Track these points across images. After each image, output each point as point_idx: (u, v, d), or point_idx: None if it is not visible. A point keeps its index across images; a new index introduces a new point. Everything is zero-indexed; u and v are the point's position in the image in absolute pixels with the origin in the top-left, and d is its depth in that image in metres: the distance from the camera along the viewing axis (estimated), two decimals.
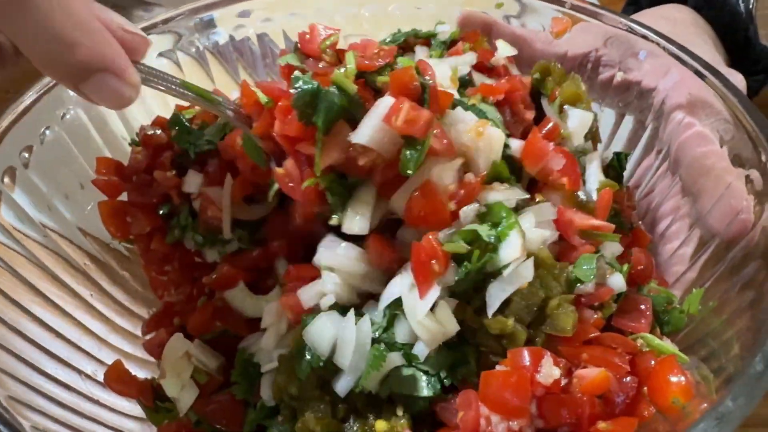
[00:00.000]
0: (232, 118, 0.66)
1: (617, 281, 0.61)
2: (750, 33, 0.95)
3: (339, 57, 0.71)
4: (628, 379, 0.56)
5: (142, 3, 1.40)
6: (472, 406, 0.54)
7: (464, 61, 0.74)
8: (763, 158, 0.61)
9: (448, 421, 0.57)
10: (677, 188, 0.73)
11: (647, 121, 0.78)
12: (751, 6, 0.96)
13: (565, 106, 0.72)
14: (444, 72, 0.70)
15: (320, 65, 0.71)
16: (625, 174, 0.80)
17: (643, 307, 0.62)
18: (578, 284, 0.59)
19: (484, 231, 0.59)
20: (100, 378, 0.66)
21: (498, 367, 0.55)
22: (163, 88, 0.61)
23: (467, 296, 0.59)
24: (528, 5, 0.86)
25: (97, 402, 0.63)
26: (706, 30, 0.96)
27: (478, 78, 0.74)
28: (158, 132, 0.75)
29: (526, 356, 0.53)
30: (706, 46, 0.91)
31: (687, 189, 0.71)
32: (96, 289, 0.74)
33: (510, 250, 0.58)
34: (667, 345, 0.58)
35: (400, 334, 0.60)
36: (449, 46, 0.79)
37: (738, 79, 0.82)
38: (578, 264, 0.60)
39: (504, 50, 0.77)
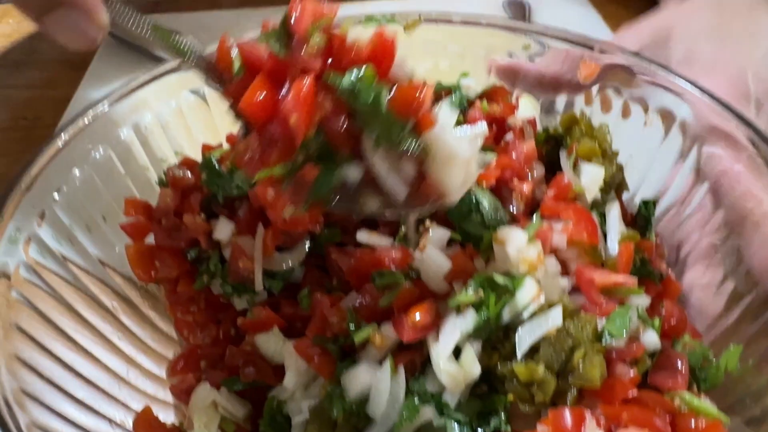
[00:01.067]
0: (202, 75, 0.63)
1: (651, 338, 0.61)
2: None
3: (331, 43, 0.62)
4: None
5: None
6: None
7: (476, 134, 0.73)
8: None
9: None
10: (713, 225, 0.72)
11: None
12: None
13: (581, 161, 0.73)
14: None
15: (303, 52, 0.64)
16: (655, 186, 0.80)
17: (679, 363, 0.61)
18: (609, 338, 0.59)
19: (500, 277, 0.60)
20: (128, 425, 0.65)
21: (539, 427, 0.54)
22: (132, 30, 0.59)
23: (495, 343, 0.60)
24: (550, 46, 0.86)
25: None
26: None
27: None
28: (187, 174, 0.75)
29: (567, 417, 0.52)
30: (753, 42, 0.83)
31: (729, 226, 0.70)
32: (121, 328, 0.73)
33: (526, 292, 0.59)
34: (706, 405, 0.57)
35: (430, 383, 0.60)
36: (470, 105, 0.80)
37: (765, 89, 0.78)
38: (611, 318, 0.60)
39: (525, 110, 0.78)
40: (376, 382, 0.59)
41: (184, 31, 1.37)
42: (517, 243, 0.64)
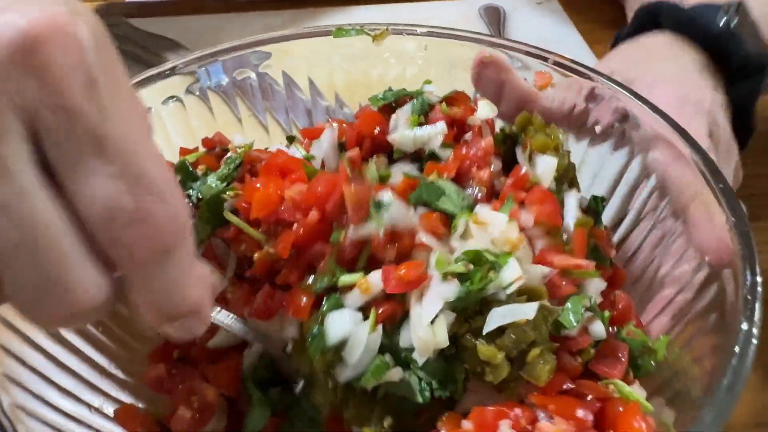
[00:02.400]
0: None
1: (598, 329, 0.66)
2: (730, 45, 0.97)
3: None
4: None
5: (149, 36, 1.45)
6: None
7: (435, 132, 0.80)
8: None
9: None
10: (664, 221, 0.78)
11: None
12: (731, 21, 0.98)
13: (535, 154, 0.78)
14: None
15: None
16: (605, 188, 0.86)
17: (620, 354, 0.66)
18: (563, 329, 0.64)
19: (489, 255, 0.65)
20: (105, 409, 0.70)
21: (464, 423, 0.60)
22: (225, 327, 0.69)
23: (468, 315, 0.64)
24: (514, 57, 0.91)
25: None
26: (684, 48, 0.99)
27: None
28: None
29: (488, 416, 0.58)
30: (675, 64, 0.95)
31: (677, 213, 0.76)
32: (101, 324, 0.77)
33: (510, 272, 0.63)
34: (634, 392, 0.62)
35: (404, 339, 0.65)
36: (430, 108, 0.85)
37: (704, 94, 0.88)
38: (566, 309, 0.65)
39: (483, 112, 0.83)
40: (355, 331, 0.63)
41: (170, 34, 1.44)
42: (498, 224, 0.68)
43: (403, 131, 0.81)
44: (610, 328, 0.71)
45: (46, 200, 0.40)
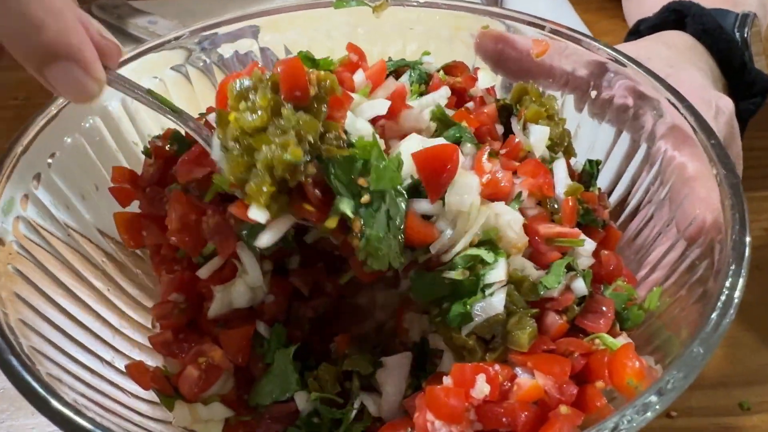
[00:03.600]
0: (193, 134, 0.68)
1: (579, 286, 0.69)
2: (745, 59, 1.03)
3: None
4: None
5: (148, 15, 1.47)
6: (422, 410, 0.62)
7: (440, 95, 0.82)
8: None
9: (411, 415, 0.65)
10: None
11: (640, 141, 0.85)
12: (746, 35, 1.05)
13: (529, 123, 0.80)
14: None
15: None
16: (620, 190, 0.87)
17: (604, 308, 0.69)
18: (545, 290, 0.67)
19: (487, 255, 0.66)
20: (116, 364, 0.72)
21: (445, 379, 0.63)
22: (130, 94, 0.64)
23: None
24: (512, 27, 0.93)
25: (113, 384, 0.69)
26: (703, 55, 1.03)
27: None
28: (168, 145, 0.81)
29: (466, 372, 0.61)
30: (701, 72, 0.98)
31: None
32: (112, 285, 0.80)
33: (497, 274, 0.66)
34: (617, 343, 0.65)
35: None
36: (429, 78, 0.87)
37: (725, 103, 0.91)
38: (548, 273, 0.68)
39: (484, 81, 0.85)
40: None
41: (170, 16, 1.45)
42: (508, 216, 0.69)
43: (408, 101, 0.81)
44: (601, 286, 0.74)
45: None
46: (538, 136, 0.80)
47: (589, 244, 0.73)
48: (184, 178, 0.72)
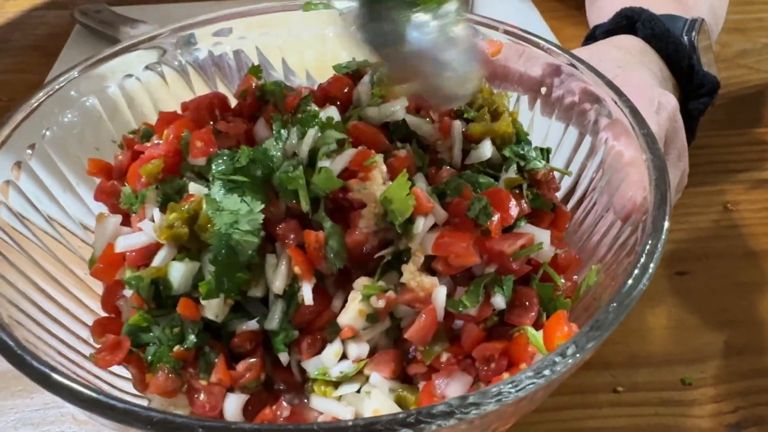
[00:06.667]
0: None
1: (498, 301, 0.71)
2: (693, 61, 1.10)
3: None
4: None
5: (128, 20, 1.52)
6: None
7: (400, 106, 0.83)
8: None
9: None
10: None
11: (586, 134, 0.90)
12: (693, 39, 1.12)
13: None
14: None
15: None
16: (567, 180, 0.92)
17: (527, 303, 0.72)
18: (463, 308, 0.69)
19: None
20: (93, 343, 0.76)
21: None
22: None
23: None
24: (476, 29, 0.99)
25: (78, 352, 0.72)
26: (653, 57, 1.10)
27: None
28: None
29: None
30: (649, 72, 1.05)
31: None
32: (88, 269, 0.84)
33: None
34: (538, 337, 0.68)
35: None
36: None
37: (667, 99, 0.97)
38: (467, 292, 0.70)
39: None
40: None
41: (152, 21, 1.50)
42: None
43: (367, 109, 0.84)
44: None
45: None
46: (483, 152, 0.81)
47: (545, 237, 0.75)
48: None
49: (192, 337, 0.70)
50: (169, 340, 0.70)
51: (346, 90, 0.87)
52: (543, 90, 0.93)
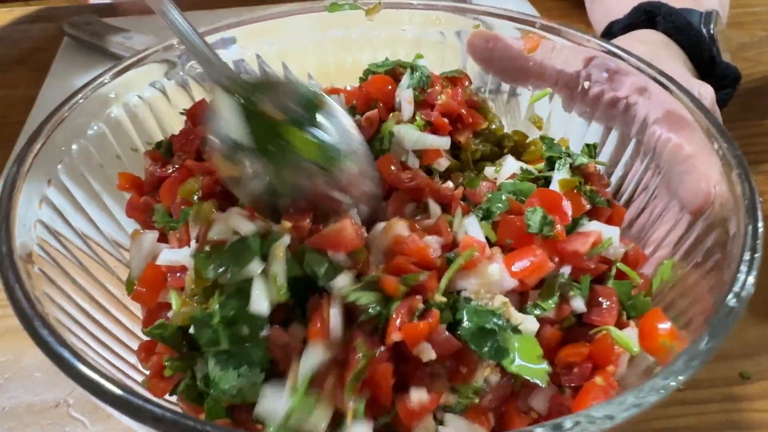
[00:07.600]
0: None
1: (578, 304, 0.68)
2: (714, 52, 1.10)
3: None
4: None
5: (121, 30, 1.46)
6: None
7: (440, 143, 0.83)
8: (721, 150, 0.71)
9: None
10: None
11: (631, 134, 0.87)
12: (712, 31, 1.11)
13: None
14: None
15: None
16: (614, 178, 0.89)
17: (607, 302, 0.69)
18: (541, 311, 0.66)
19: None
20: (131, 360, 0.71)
21: None
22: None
23: None
24: (491, 24, 0.96)
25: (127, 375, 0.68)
26: (676, 50, 1.09)
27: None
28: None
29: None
30: (677, 63, 1.04)
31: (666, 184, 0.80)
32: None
33: None
34: (624, 337, 0.65)
35: None
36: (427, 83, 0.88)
37: (707, 90, 0.96)
38: (541, 295, 0.67)
39: None
40: None
41: (145, 31, 1.45)
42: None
43: (407, 130, 0.82)
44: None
45: None
46: (490, 174, 0.82)
47: (614, 232, 0.72)
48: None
49: None
50: None
51: (389, 88, 0.84)
52: (585, 85, 0.91)
